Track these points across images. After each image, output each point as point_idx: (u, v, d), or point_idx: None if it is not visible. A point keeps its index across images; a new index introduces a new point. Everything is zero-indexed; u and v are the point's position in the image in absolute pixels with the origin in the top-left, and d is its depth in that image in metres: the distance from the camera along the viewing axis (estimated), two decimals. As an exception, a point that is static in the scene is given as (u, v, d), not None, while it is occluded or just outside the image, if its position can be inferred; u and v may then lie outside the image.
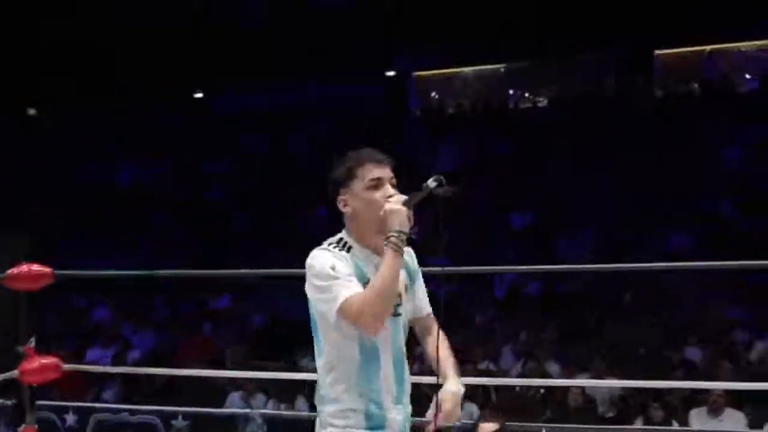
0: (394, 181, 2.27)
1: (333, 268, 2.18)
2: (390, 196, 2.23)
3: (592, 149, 12.67)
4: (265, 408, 6.41)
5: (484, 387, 6.89)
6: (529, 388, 6.84)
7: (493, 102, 16.75)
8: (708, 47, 15.60)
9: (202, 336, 9.19)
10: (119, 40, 14.41)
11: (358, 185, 2.25)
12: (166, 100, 16.23)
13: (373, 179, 2.24)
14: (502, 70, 17.41)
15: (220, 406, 6.53)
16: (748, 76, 15.48)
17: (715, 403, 5.77)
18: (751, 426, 5.27)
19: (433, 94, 17.71)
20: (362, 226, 2.26)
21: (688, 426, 5.81)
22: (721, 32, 14.39)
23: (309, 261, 2.23)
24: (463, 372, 6.99)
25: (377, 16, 14.88)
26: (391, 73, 17.26)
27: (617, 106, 14.71)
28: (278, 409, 6.47)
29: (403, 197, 2.22)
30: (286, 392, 6.79)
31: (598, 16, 14.06)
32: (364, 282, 2.19)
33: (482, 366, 7.46)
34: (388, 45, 15.37)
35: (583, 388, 6.48)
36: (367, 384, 2.23)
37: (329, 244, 2.26)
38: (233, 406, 6.49)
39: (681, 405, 6.22)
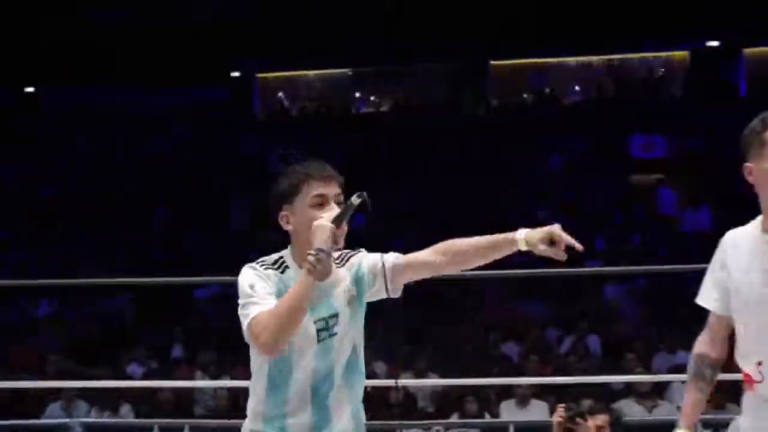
0: (341, 197, 2.16)
1: (252, 287, 2.10)
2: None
3: (428, 154, 13.15)
4: (87, 417, 6.27)
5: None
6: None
7: (336, 105, 17.00)
8: (539, 60, 16.52)
9: (21, 344, 8.85)
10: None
11: (301, 202, 2.15)
12: None
13: (316, 196, 2.14)
14: (349, 73, 17.67)
15: (39, 417, 6.34)
16: (577, 88, 16.53)
17: (523, 395, 6.20)
18: (553, 414, 5.67)
19: (279, 95, 17.74)
20: (302, 245, 2.15)
21: (498, 418, 6.20)
22: (550, 46, 15.28)
23: (238, 277, 2.17)
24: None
25: (224, 17, 14.81)
26: (236, 74, 17.16)
27: (454, 113, 15.32)
28: (101, 418, 6.36)
29: (335, 213, 2.12)
30: (110, 400, 6.68)
31: (439, 26, 14.61)
32: None
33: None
34: (234, 46, 15.30)
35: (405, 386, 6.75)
36: (271, 408, 2.16)
37: (260, 263, 2.18)
38: (53, 416, 6.31)
39: (495, 398, 6.63)
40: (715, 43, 15.50)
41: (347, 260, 2.24)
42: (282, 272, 2.18)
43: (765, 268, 2.11)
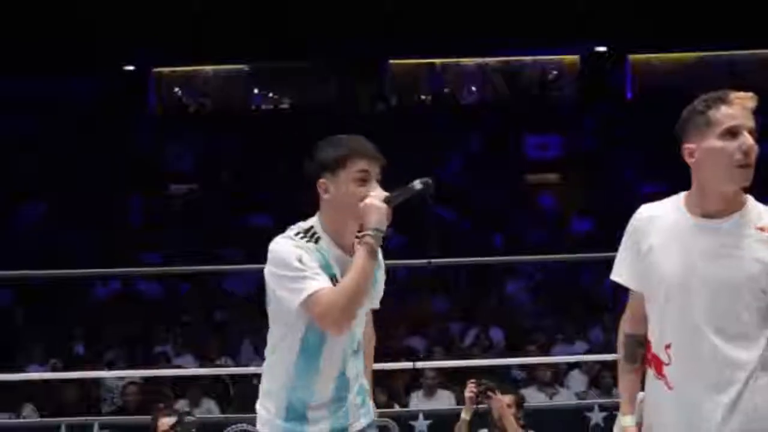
0: (380, 177, 2.20)
1: (300, 260, 2.11)
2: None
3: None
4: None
5: (223, 381, 7.03)
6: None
7: (235, 102, 16.81)
8: (437, 60, 16.83)
9: None
10: None
11: (344, 175, 2.17)
12: None
13: (360, 171, 2.17)
14: (246, 69, 17.50)
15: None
16: (474, 89, 16.93)
17: (430, 386, 6.38)
18: (458, 403, 5.88)
19: (176, 90, 17.38)
20: (338, 218, 2.19)
21: (408, 407, 6.36)
22: (448, 46, 15.60)
23: (272, 247, 2.17)
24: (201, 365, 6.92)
25: (119, 8, 14.42)
26: (130, 68, 16.72)
27: (353, 111, 15.44)
28: (1, 419, 6.13)
29: (385, 194, 2.15)
30: (9, 401, 6.44)
31: (339, 23, 14.68)
32: (330, 275, 2.14)
33: (220, 361, 7.59)
34: (128, 38, 14.91)
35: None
36: (299, 381, 2.18)
37: (296, 233, 2.18)
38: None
39: (403, 389, 6.79)
40: (602, 49, 16.21)
41: None
42: (316, 242, 2.19)
43: (691, 252, 2.02)
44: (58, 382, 6.61)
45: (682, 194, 2.13)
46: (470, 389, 3.87)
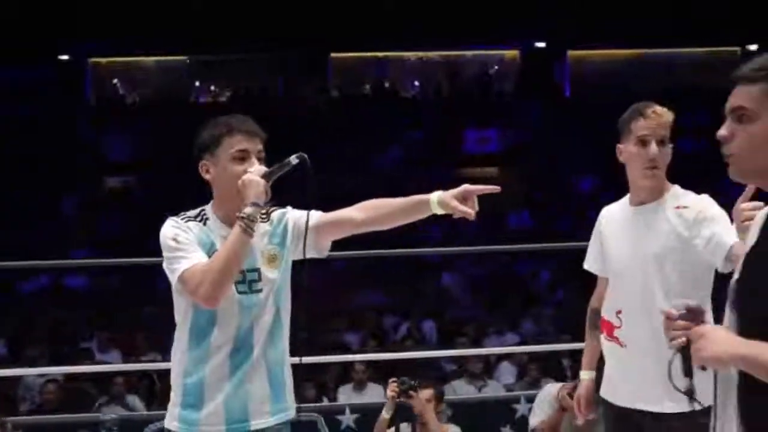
0: (262, 154, 2.16)
1: (175, 239, 2.11)
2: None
3: (268, 145, 13.06)
4: None
5: (150, 378, 6.87)
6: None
7: (174, 94, 16.58)
8: (379, 54, 16.82)
9: None
10: None
11: (223, 154, 2.14)
12: None
13: (239, 150, 2.13)
14: (187, 61, 17.26)
15: None
16: (416, 83, 16.95)
17: (360, 380, 6.33)
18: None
19: (114, 81, 17.06)
20: (222, 198, 2.17)
21: (337, 401, 6.30)
22: (390, 41, 15.61)
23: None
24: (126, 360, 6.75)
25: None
26: (64, 58, 16.34)
27: (294, 104, 15.33)
28: None
29: (264, 169, 2.13)
30: None
31: (281, 16, 14.56)
32: (212, 253, 2.12)
33: (147, 357, 7.45)
34: (63, 27, 14.57)
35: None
36: (191, 364, 2.13)
37: (181, 216, 2.18)
38: None
39: (333, 383, 6.73)
40: (542, 44, 16.35)
41: (269, 216, 2.22)
42: (204, 224, 2.18)
43: (631, 237, 2.45)
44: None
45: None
46: (392, 389, 3.93)
